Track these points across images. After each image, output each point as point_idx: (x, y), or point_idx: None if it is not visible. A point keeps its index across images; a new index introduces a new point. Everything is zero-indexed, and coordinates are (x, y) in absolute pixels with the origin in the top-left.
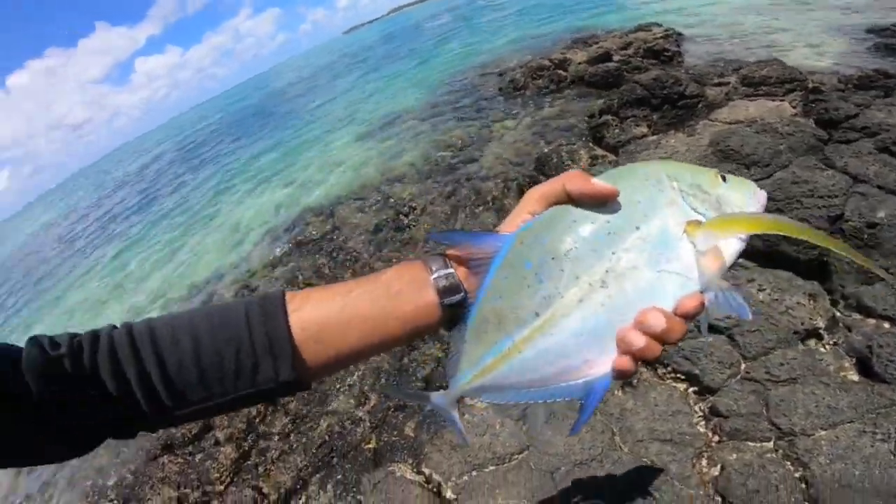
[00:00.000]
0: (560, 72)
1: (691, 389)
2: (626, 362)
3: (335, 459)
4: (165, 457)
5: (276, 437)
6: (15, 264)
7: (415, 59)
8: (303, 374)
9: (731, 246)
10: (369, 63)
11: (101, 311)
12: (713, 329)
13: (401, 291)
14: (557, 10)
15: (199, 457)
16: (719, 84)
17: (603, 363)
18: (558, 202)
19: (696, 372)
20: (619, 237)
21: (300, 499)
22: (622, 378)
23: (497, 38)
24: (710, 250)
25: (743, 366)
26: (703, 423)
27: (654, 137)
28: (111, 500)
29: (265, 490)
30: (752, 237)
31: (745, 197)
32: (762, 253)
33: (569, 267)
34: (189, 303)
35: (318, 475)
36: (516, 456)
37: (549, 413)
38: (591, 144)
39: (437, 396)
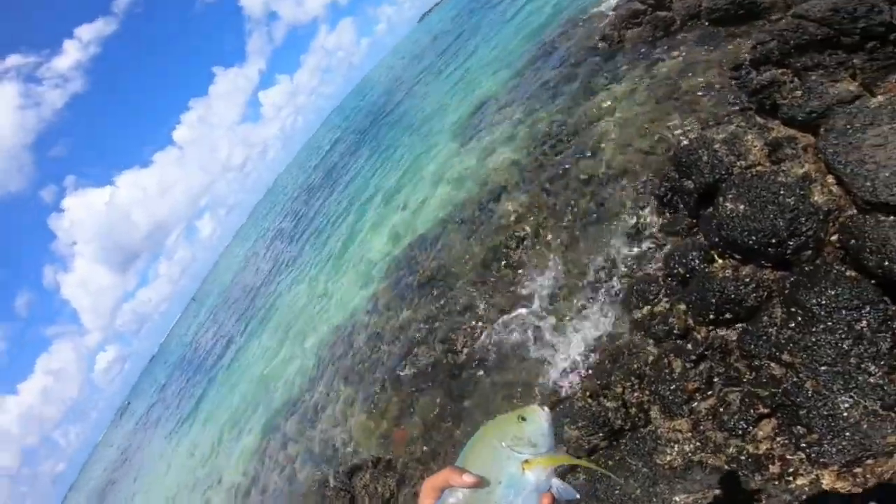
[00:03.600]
0: (663, 13)
1: None
2: None
3: None
4: None
5: None
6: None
7: (492, 32)
8: None
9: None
10: (449, 47)
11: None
12: None
13: None
14: None
15: None
16: None
17: None
18: (444, 488)
19: None
20: (494, 493)
21: None
22: None
23: None
24: (539, 472)
25: None
26: None
27: (881, 99)
28: None
29: None
30: None
31: (539, 425)
32: None
33: None
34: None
35: None
36: None
37: None
38: (759, 118)
39: None
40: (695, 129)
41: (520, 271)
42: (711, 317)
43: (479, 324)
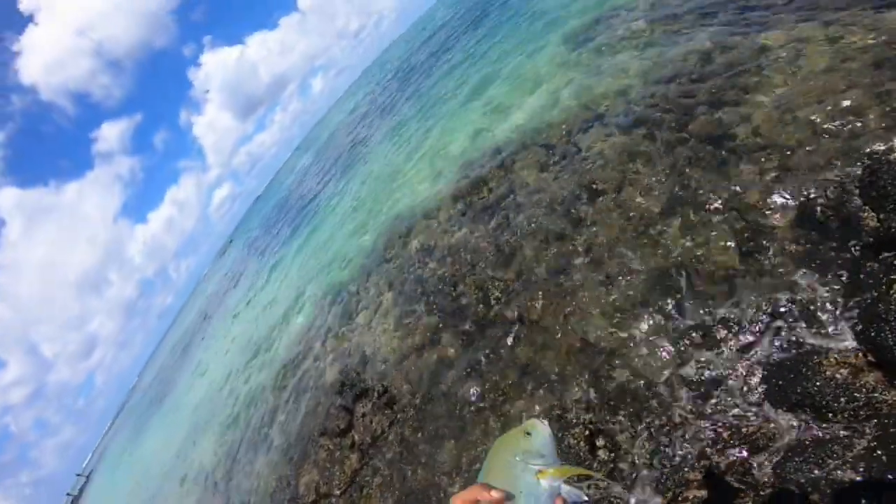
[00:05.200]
0: None
1: None
2: None
3: None
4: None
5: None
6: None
7: None
8: None
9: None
10: None
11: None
12: None
13: None
14: None
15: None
16: None
17: None
18: None
19: None
20: (518, 502)
21: None
22: None
23: None
24: (552, 480)
25: None
26: None
27: None
28: None
29: None
30: None
31: (543, 437)
32: None
33: None
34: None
35: None
36: None
37: None
38: None
39: None
40: None
41: (582, 235)
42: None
43: (516, 285)
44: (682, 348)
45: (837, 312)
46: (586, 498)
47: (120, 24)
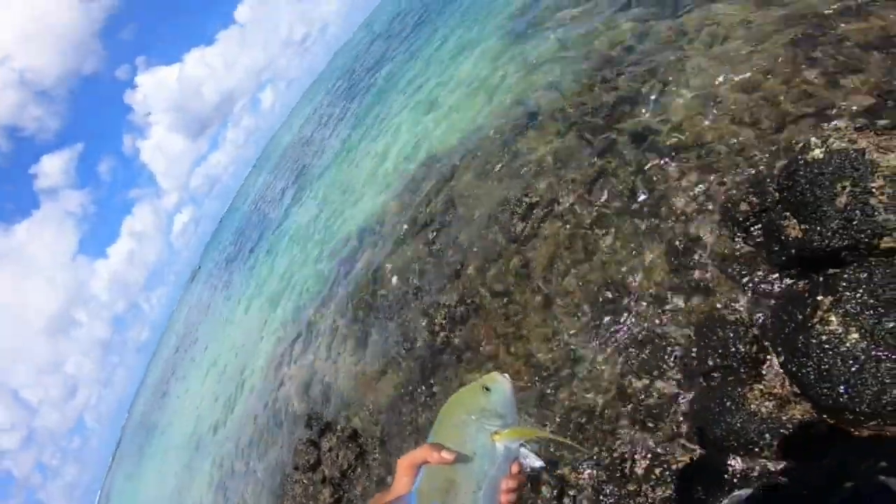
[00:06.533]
0: None
1: None
2: None
3: None
4: None
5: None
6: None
7: None
8: None
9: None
10: None
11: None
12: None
13: None
14: None
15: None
16: None
17: None
18: (422, 465)
19: None
20: (470, 465)
21: None
22: None
23: None
24: (508, 442)
25: None
26: None
27: None
28: None
29: None
30: None
31: (504, 394)
32: None
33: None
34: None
35: None
36: None
37: None
38: None
39: None
40: (845, 130)
41: (522, 246)
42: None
43: (460, 309)
44: (619, 369)
45: (765, 342)
46: (542, 463)
47: (41, 51)
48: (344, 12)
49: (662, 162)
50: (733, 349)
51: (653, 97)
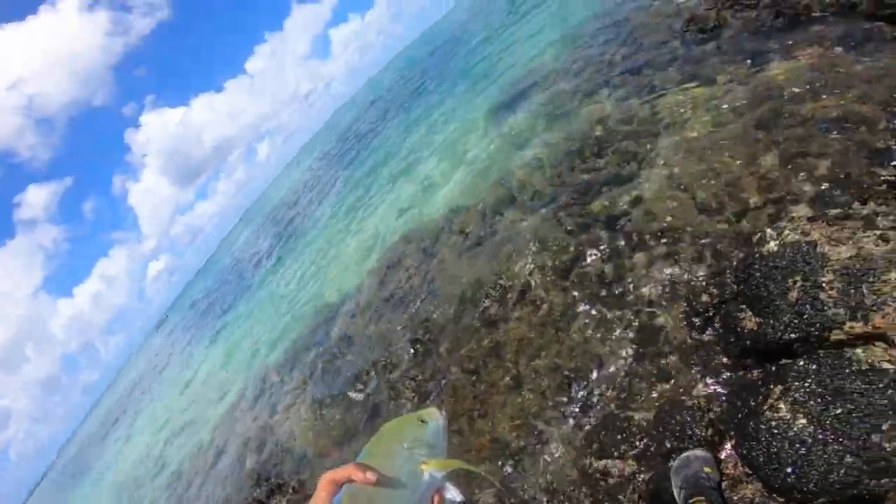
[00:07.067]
0: None
1: None
2: None
3: None
4: None
5: None
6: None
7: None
8: None
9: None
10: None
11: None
12: None
13: None
14: None
15: None
16: None
17: None
18: (345, 483)
19: None
20: (394, 490)
21: None
22: None
23: None
24: (435, 473)
25: None
26: None
27: None
28: None
29: None
30: None
31: (437, 429)
32: None
33: None
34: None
35: None
36: None
37: None
38: None
39: None
40: (799, 221)
41: (494, 329)
42: None
43: (430, 385)
44: (581, 450)
45: (720, 426)
46: (463, 498)
47: (54, 77)
48: (351, 67)
49: (631, 249)
50: (689, 432)
51: (628, 180)
